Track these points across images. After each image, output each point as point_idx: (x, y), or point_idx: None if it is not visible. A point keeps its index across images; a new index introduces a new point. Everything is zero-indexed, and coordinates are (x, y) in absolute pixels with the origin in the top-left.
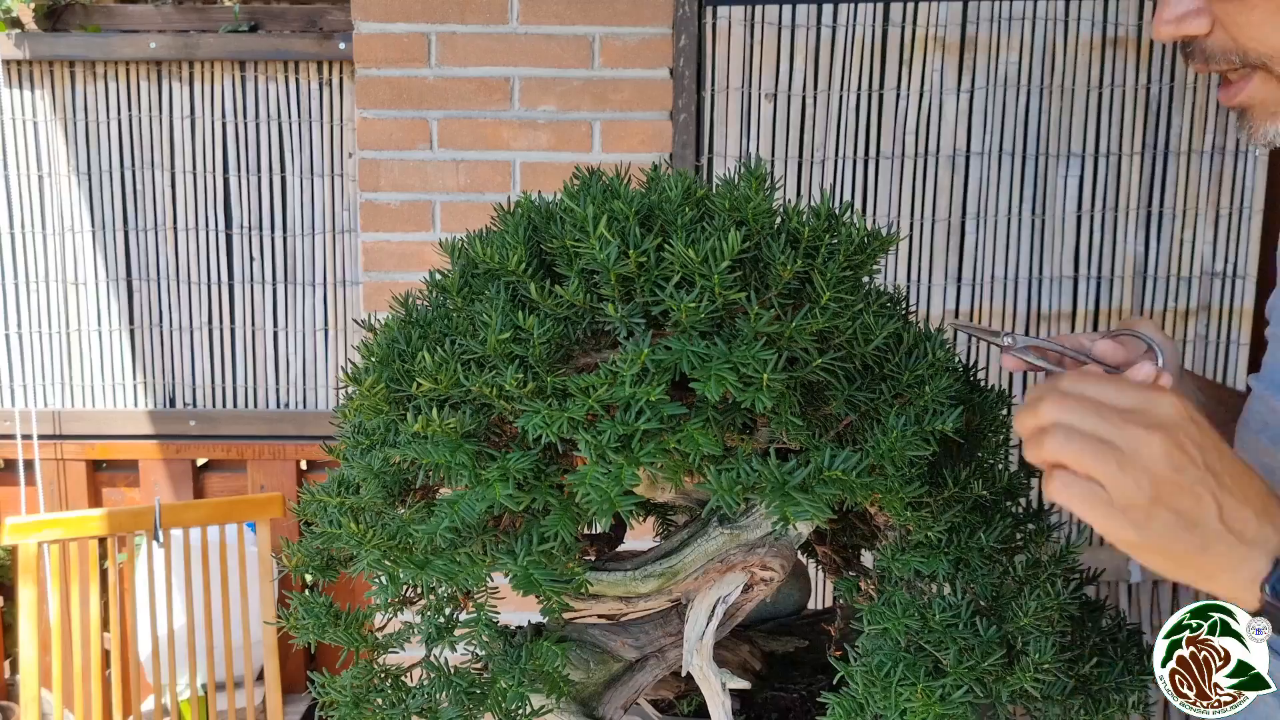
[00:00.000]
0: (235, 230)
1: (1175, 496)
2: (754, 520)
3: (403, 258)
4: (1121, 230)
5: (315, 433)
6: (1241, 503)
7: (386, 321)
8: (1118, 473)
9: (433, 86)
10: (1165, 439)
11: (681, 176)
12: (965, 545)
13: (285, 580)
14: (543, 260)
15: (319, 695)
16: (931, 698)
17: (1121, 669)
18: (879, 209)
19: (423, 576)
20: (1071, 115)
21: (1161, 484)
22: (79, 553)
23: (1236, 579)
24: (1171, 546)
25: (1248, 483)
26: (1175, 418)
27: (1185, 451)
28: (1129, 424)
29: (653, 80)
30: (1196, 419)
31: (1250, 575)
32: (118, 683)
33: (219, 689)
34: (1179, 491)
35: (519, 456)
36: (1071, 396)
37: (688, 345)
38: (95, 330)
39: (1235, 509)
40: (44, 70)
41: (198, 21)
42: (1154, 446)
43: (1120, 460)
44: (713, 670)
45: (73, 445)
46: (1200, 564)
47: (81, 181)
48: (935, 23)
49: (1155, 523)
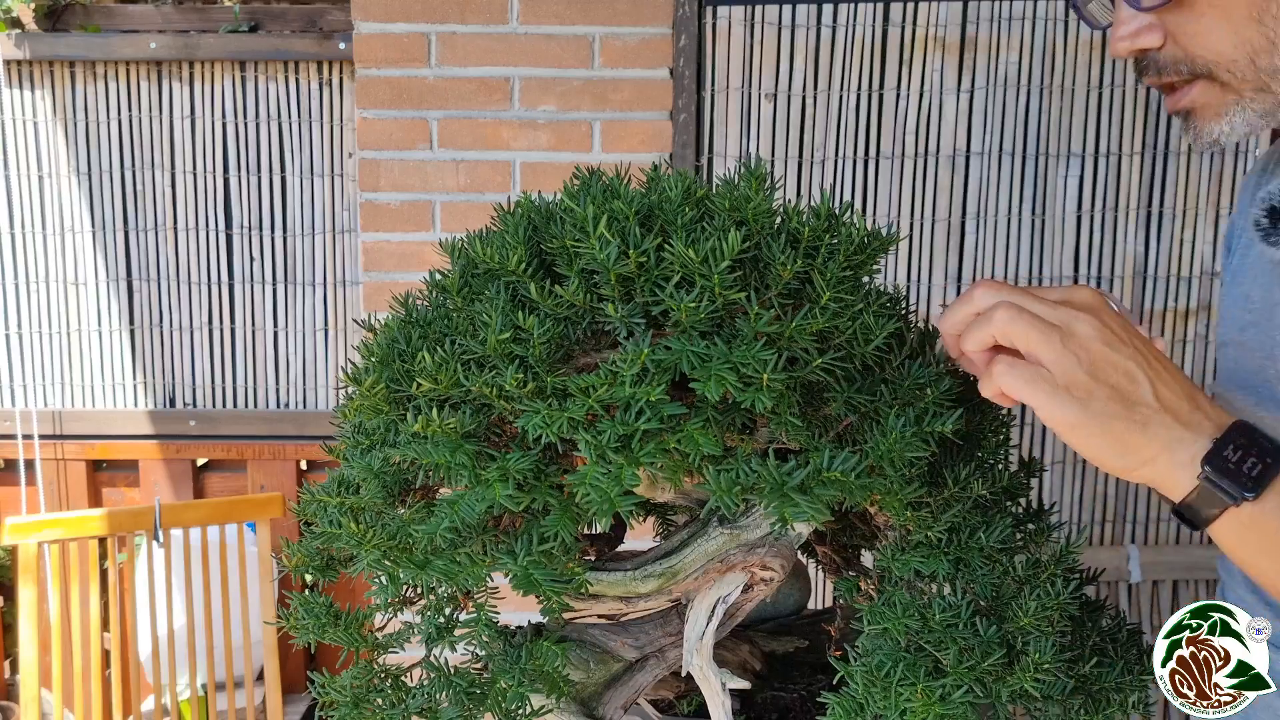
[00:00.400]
0: (235, 230)
1: (1110, 371)
2: (754, 520)
3: (403, 258)
4: (1121, 230)
5: (315, 433)
6: (1172, 385)
7: (386, 321)
8: (1061, 349)
9: (433, 86)
10: (1094, 318)
11: (681, 176)
12: (965, 545)
13: (285, 580)
14: (543, 260)
15: (319, 695)
16: (931, 698)
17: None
18: (879, 209)
19: (423, 576)
20: (1071, 115)
21: (1097, 360)
22: (79, 553)
23: (1175, 459)
24: (1112, 425)
25: (1172, 368)
26: (1096, 302)
27: (1113, 330)
28: (1060, 306)
29: (653, 80)
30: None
31: (1187, 456)
32: (118, 683)
33: (219, 689)
34: (1113, 367)
35: (519, 456)
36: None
37: (688, 345)
38: (95, 330)
39: (1168, 389)
40: (44, 70)
41: (198, 21)
42: (1086, 324)
43: (1061, 336)
44: (713, 670)
45: (73, 445)
46: (1139, 446)
47: (81, 181)
48: (935, 23)
49: (1096, 400)
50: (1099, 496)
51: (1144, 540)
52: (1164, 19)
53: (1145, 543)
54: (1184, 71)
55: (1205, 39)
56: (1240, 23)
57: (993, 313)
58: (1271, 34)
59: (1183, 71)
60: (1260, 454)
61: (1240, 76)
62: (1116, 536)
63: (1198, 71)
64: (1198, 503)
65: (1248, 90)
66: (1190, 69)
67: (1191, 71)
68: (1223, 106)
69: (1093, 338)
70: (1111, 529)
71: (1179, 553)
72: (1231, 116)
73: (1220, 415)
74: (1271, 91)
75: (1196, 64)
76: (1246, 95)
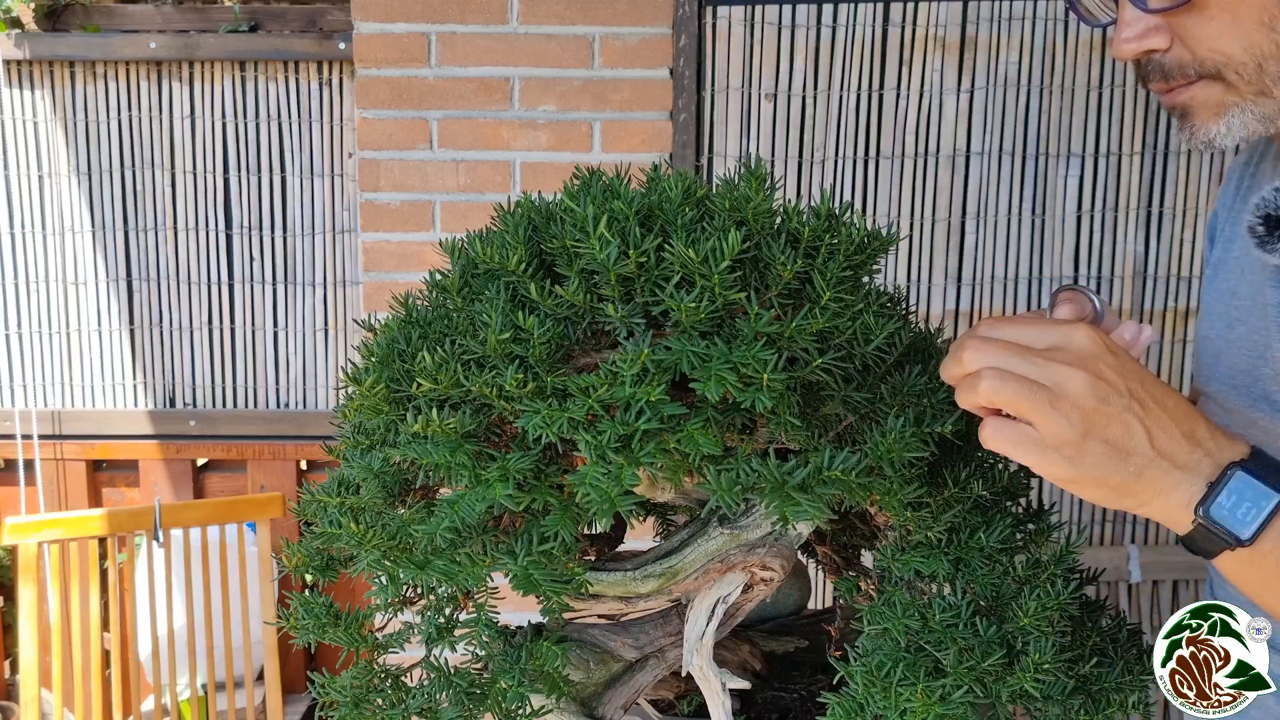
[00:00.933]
0: (235, 230)
1: (1105, 427)
2: (754, 520)
3: (403, 258)
4: (1121, 230)
5: (315, 433)
6: (1170, 427)
7: (386, 321)
8: (1049, 411)
9: (433, 86)
10: (1086, 372)
11: (681, 176)
12: (965, 545)
13: (285, 580)
14: (543, 260)
15: (319, 695)
16: (931, 698)
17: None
18: (879, 209)
19: (423, 576)
20: (1071, 115)
21: (1090, 415)
22: (79, 553)
23: (1170, 503)
24: (1107, 477)
25: (1174, 407)
26: (1093, 349)
27: (1108, 381)
28: (1051, 361)
29: (653, 80)
30: (1114, 348)
31: (1183, 499)
32: (118, 683)
33: (219, 689)
34: (1108, 421)
35: (519, 457)
36: (992, 341)
37: (688, 345)
38: (95, 330)
39: (1165, 434)
40: (44, 70)
41: (198, 21)
42: (1078, 380)
43: (1050, 398)
44: (713, 670)
45: (73, 445)
46: (1136, 491)
47: (81, 181)
48: (935, 23)
49: (1089, 456)
50: None
51: (1144, 540)
52: (1171, 21)
53: (1145, 543)
54: (1191, 75)
55: (1215, 42)
56: (1250, 27)
57: (978, 379)
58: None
59: (1190, 75)
60: (1255, 498)
61: (1245, 80)
62: (1116, 536)
63: (1205, 73)
64: (1196, 542)
65: (1249, 94)
66: (1198, 71)
67: (1199, 73)
68: (1222, 107)
69: (1084, 393)
70: (1111, 529)
71: (1179, 553)
72: (1230, 119)
73: (1222, 450)
74: (1273, 97)
75: (1205, 66)
76: (1248, 99)
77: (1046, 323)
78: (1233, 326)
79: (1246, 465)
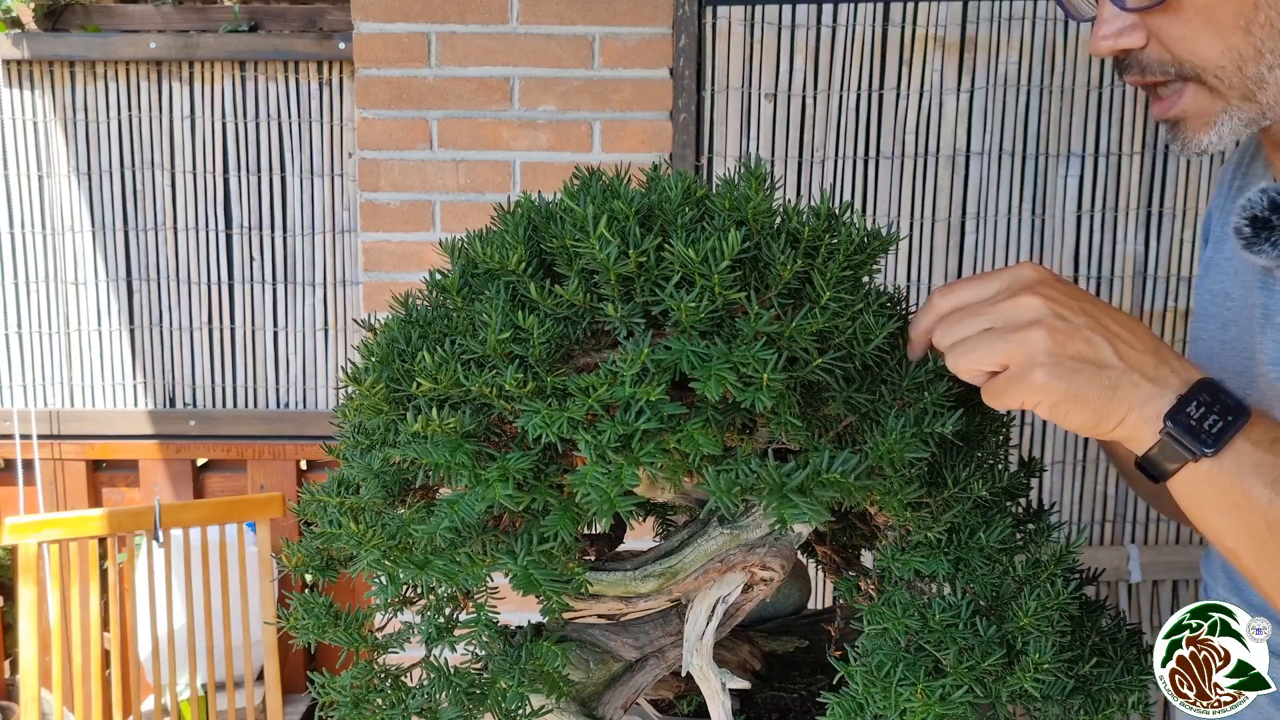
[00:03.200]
0: (235, 230)
1: (1069, 341)
2: (754, 520)
3: (403, 258)
4: (1121, 230)
5: (315, 432)
6: (1133, 343)
7: (386, 321)
8: (1007, 347)
9: (433, 86)
10: (1036, 294)
11: (681, 176)
12: (965, 545)
13: (285, 580)
14: (543, 260)
15: (319, 695)
16: (931, 698)
17: (1121, 669)
18: (879, 209)
19: (422, 576)
20: (1071, 115)
21: (1053, 332)
22: (79, 553)
23: (1142, 415)
24: (1085, 391)
25: (1134, 326)
26: (1038, 276)
27: (1059, 302)
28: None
29: (653, 80)
30: (1062, 279)
31: (1153, 411)
32: (118, 683)
33: (219, 689)
34: (1071, 335)
35: (519, 456)
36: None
37: (687, 345)
38: (95, 330)
39: (1130, 348)
40: (44, 70)
41: (197, 21)
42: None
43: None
44: (713, 670)
45: (72, 445)
46: (1112, 407)
47: (81, 181)
48: (935, 22)
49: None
50: (1099, 496)
51: (1144, 540)
52: (1149, 21)
53: (1145, 543)
54: (1170, 73)
55: (1192, 44)
56: (1227, 30)
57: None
58: (1258, 42)
59: (1169, 73)
60: (1223, 411)
61: (1227, 83)
62: (1116, 536)
63: (1185, 74)
64: (1158, 456)
65: (1234, 98)
66: (1177, 71)
67: (1179, 74)
68: (1212, 115)
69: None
70: (1111, 529)
71: (1179, 553)
72: (1220, 126)
73: (1188, 371)
74: (1256, 100)
75: (1183, 68)
76: (1234, 103)
77: (991, 273)
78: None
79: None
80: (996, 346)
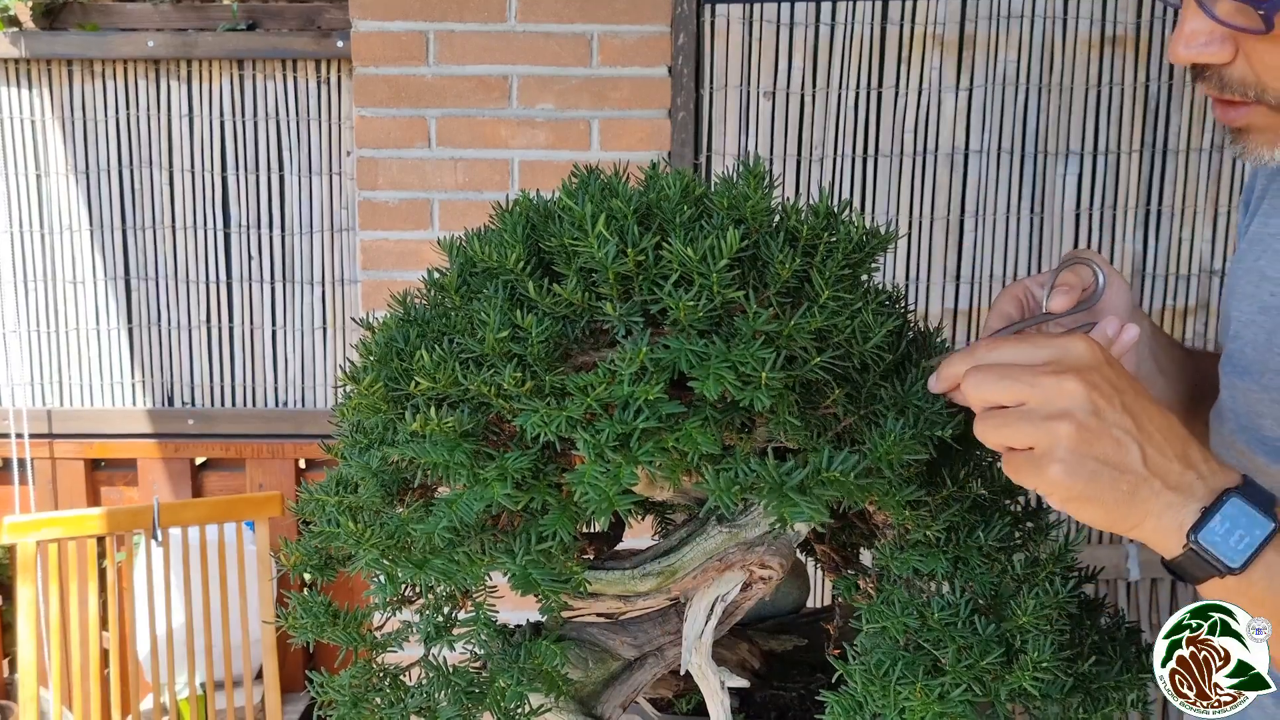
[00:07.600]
0: (234, 229)
1: (1097, 441)
2: (752, 519)
3: (401, 256)
4: (1120, 228)
5: (313, 431)
6: (1163, 448)
7: (385, 320)
8: (1034, 431)
9: (431, 85)
10: (1080, 382)
11: (680, 175)
12: (964, 544)
13: (284, 579)
14: (541, 259)
15: (317, 694)
16: (930, 696)
17: (1120, 667)
18: (878, 207)
19: (421, 575)
20: (1070, 113)
21: (1082, 429)
22: (77, 552)
23: (1161, 525)
24: (1102, 495)
25: (1167, 428)
26: (1089, 360)
27: (1101, 393)
28: (1041, 376)
29: (651, 78)
30: (1113, 362)
31: (1174, 523)
32: (116, 682)
33: (218, 688)
34: (1100, 436)
35: (517, 456)
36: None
37: (686, 344)
38: (93, 329)
39: (1158, 454)
40: (42, 69)
41: (196, 20)
42: (1068, 391)
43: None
44: (711, 669)
45: (71, 444)
46: (1127, 512)
47: (79, 180)
48: (934, 20)
49: (1083, 470)
50: None
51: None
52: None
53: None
54: (1251, 96)
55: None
56: None
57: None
58: None
59: (1249, 96)
60: (1249, 526)
61: None
62: (1115, 535)
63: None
64: (1184, 566)
65: None
66: (1259, 96)
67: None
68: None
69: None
70: None
71: None
72: None
73: (1216, 476)
74: None
75: (1266, 93)
76: None
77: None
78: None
79: (1241, 492)
80: (1023, 429)
